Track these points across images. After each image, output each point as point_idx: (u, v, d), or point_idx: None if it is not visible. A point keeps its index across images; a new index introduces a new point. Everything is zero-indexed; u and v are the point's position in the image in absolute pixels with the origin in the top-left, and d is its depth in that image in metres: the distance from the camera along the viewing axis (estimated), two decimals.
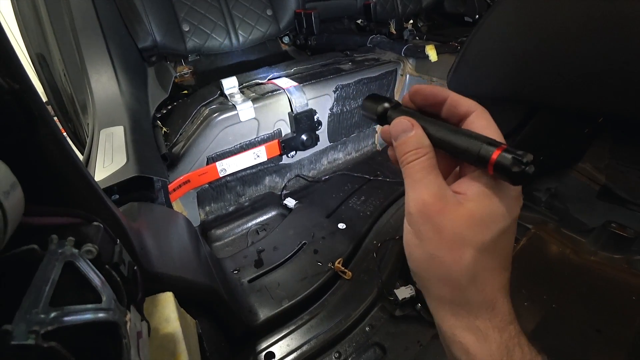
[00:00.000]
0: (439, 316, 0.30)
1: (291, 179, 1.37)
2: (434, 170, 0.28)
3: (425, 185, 0.28)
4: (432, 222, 0.27)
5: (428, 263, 0.28)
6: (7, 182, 0.24)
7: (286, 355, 0.81)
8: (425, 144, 0.29)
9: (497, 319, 0.28)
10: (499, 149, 0.25)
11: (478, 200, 0.27)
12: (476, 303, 0.28)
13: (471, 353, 0.28)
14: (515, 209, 0.28)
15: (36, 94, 0.34)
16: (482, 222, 0.27)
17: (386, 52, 1.48)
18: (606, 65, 0.80)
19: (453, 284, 0.28)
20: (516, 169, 0.24)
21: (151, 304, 0.52)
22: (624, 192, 1.20)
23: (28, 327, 0.24)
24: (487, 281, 0.28)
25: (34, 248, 0.31)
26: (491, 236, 0.27)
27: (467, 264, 0.27)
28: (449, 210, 0.27)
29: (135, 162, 0.84)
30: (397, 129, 0.30)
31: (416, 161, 0.29)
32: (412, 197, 0.28)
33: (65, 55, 1.12)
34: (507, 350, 0.27)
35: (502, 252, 0.28)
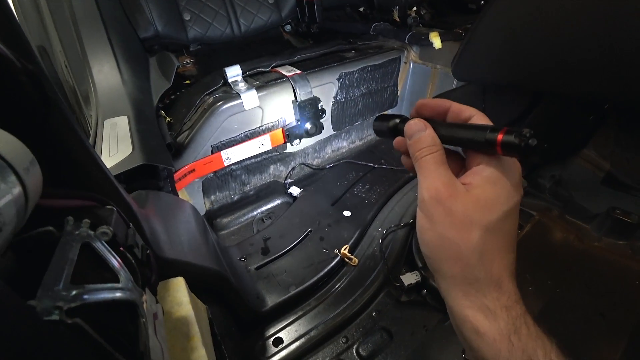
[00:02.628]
0: (451, 297, 0.32)
1: (295, 168, 1.37)
2: (444, 164, 0.32)
3: (438, 175, 0.31)
4: (444, 206, 0.30)
5: (440, 243, 0.31)
6: (26, 158, 0.24)
7: (294, 340, 0.83)
8: (437, 142, 0.33)
9: (504, 298, 0.30)
10: (502, 131, 0.29)
11: (483, 187, 0.30)
12: (484, 281, 0.30)
13: (481, 332, 0.29)
14: (516, 195, 0.31)
15: (48, 77, 0.34)
16: (487, 205, 0.30)
17: (389, 39, 1.47)
18: (613, 50, 0.79)
19: (463, 262, 0.30)
20: (521, 142, 0.27)
21: (163, 289, 0.52)
22: (629, 178, 1.20)
23: (51, 303, 0.24)
24: (494, 260, 0.30)
25: (51, 230, 0.31)
26: (496, 217, 0.30)
27: (476, 242, 0.29)
28: (458, 196, 0.30)
29: (141, 151, 0.84)
30: (413, 129, 0.34)
31: (430, 156, 0.32)
32: (425, 185, 0.32)
33: (66, 46, 1.12)
34: (515, 328, 0.29)
35: (506, 234, 0.31)
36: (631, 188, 1.17)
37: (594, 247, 1.02)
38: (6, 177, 0.22)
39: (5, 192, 0.22)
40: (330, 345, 0.83)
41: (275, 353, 0.81)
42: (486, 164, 0.31)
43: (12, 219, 0.22)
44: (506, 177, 0.30)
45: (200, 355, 0.45)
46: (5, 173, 0.22)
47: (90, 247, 0.32)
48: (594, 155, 1.28)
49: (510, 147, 0.28)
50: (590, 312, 0.85)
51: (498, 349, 0.29)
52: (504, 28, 0.97)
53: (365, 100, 1.39)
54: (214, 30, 1.44)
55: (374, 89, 1.40)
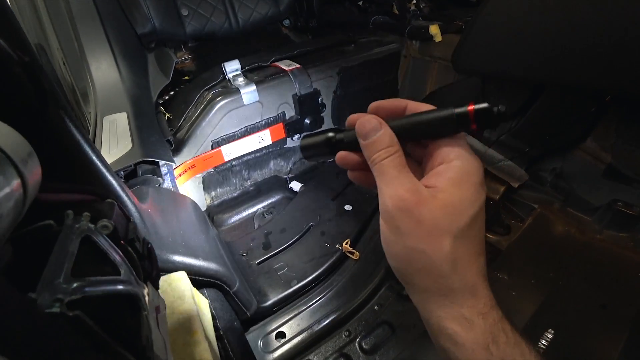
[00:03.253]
0: (426, 310, 0.31)
1: (296, 162, 1.37)
2: (405, 167, 0.30)
3: (400, 182, 0.29)
4: (411, 216, 0.28)
5: (409, 257, 0.29)
6: (24, 150, 0.24)
7: (297, 334, 0.83)
8: (395, 142, 0.30)
9: (480, 304, 0.29)
10: (470, 105, 0.28)
11: (448, 191, 0.28)
12: (459, 290, 0.29)
13: (459, 343, 0.28)
14: (482, 194, 0.29)
15: (44, 69, 0.34)
16: (455, 210, 0.28)
17: (389, 33, 1.46)
18: (615, 40, 0.79)
19: (436, 274, 0.29)
20: (495, 109, 0.27)
21: (165, 283, 0.52)
22: (630, 170, 1.19)
23: (52, 295, 0.24)
24: (466, 267, 0.29)
25: (51, 224, 0.31)
26: (465, 222, 0.28)
27: (447, 251, 0.28)
28: (425, 203, 0.28)
29: (141, 147, 0.84)
30: (366, 127, 0.31)
31: (388, 159, 0.30)
32: (388, 194, 0.29)
33: (63, 44, 1.11)
34: (492, 337, 0.28)
35: (476, 237, 0.29)
36: (633, 180, 1.17)
37: (595, 240, 1.02)
38: (4, 169, 0.22)
39: (3, 184, 0.21)
40: (333, 339, 0.83)
41: (277, 347, 0.81)
42: (448, 160, 0.29)
43: (9, 212, 0.22)
44: (470, 176, 0.29)
45: (202, 349, 0.45)
46: (3, 165, 0.22)
47: (91, 241, 0.32)
48: (595, 148, 1.27)
49: (484, 115, 0.27)
50: (592, 304, 0.85)
51: (476, 359, 0.28)
52: (504, 19, 0.97)
53: (365, 94, 1.39)
54: (212, 26, 1.43)
55: (374, 83, 1.39)
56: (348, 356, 0.80)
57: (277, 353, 0.80)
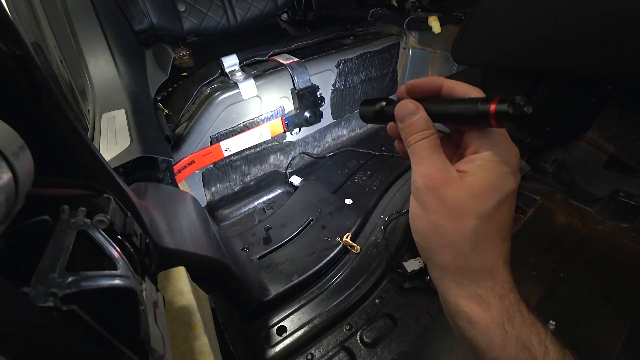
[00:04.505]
0: (444, 287, 0.31)
1: (296, 157, 1.36)
2: (438, 149, 0.31)
3: (431, 161, 0.30)
4: (437, 194, 0.29)
5: (433, 231, 0.30)
6: (15, 143, 0.23)
7: (298, 328, 0.83)
8: (431, 125, 0.31)
9: (498, 287, 0.29)
10: (494, 102, 0.27)
11: (477, 175, 0.29)
12: (478, 270, 0.29)
13: (474, 321, 0.29)
14: (511, 182, 0.30)
15: (37, 63, 0.33)
16: (481, 193, 0.29)
17: (388, 25, 1.45)
18: (617, 28, 0.78)
19: (456, 251, 0.30)
20: (515, 112, 0.26)
21: (164, 278, 0.52)
22: (632, 160, 1.19)
23: (46, 289, 0.24)
24: (487, 249, 0.29)
25: (46, 219, 0.31)
26: (490, 206, 0.29)
27: (469, 231, 0.29)
28: (452, 183, 0.29)
29: (139, 143, 0.84)
30: (403, 112, 0.32)
31: (423, 141, 0.31)
32: (418, 172, 0.31)
33: (60, 41, 1.11)
34: (508, 317, 0.28)
35: (501, 222, 0.30)
36: (635, 170, 1.16)
37: (597, 230, 1.01)
38: None
39: None
40: (334, 332, 0.83)
41: (279, 341, 0.81)
42: (482, 149, 0.30)
43: (1, 205, 0.22)
44: (502, 163, 0.29)
45: (202, 344, 0.45)
46: None
47: (87, 235, 0.31)
48: (597, 138, 1.26)
49: (504, 117, 0.26)
50: (595, 294, 0.85)
51: (491, 337, 0.28)
52: (503, 9, 0.96)
53: (364, 87, 1.38)
54: (209, 21, 1.42)
55: (373, 76, 1.38)
56: (349, 350, 0.80)
57: (278, 347, 0.80)
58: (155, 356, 0.33)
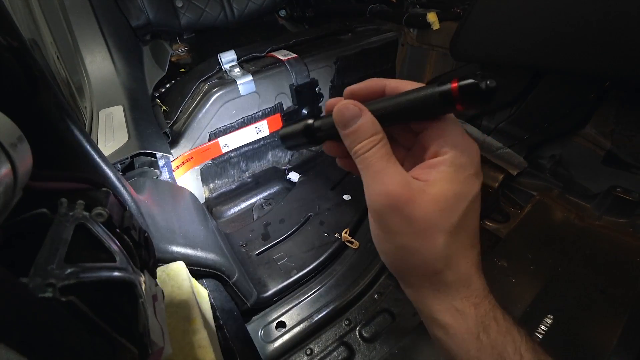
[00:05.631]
0: (419, 302, 0.30)
1: (294, 153, 1.36)
2: (392, 158, 0.27)
3: (388, 175, 0.27)
4: (402, 214, 0.26)
5: (400, 255, 0.28)
6: (13, 134, 0.23)
7: (297, 324, 0.83)
8: (379, 129, 0.27)
9: (473, 296, 0.28)
10: (454, 80, 0.24)
11: (441, 185, 0.26)
12: (453, 283, 0.28)
13: (450, 332, 0.28)
14: (475, 185, 0.28)
15: (34, 55, 0.33)
16: (447, 205, 0.26)
17: (386, 21, 1.44)
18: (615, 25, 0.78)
19: (430, 271, 0.28)
20: (482, 84, 0.23)
21: (164, 273, 0.52)
22: (629, 156, 1.19)
23: (44, 280, 0.24)
24: (460, 260, 0.28)
25: (45, 212, 0.31)
26: (458, 217, 0.27)
27: (440, 248, 0.27)
28: (416, 199, 0.26)
29: (138, 139, 0.83)
30: (345, 116, 0.28)
31: (373, 149, 0.27)
32: (375, 190, 0.27)
33: (57, 37, 1.10)
34: (483, 326, 0.28)
35: (469, 231, 0.28)
36: (632, 166, 1.16)
37: (594, 226, 1.02)
38: None
39: None
40: (333, 327, 0.84)
41: (278, 337, 0.81)
42: (442, 152, 0.27)
43: None
44: (465, 166, 0.27)
45: (201, 338, 0.45)
46: None
47: (85, 228, 0.31)
48: (595, 134, 1.26)
49: (470, 93, 0.24)
50: (591, 290, 0.85)
51: (467, 348, 0.28)
52: (502, 4, 0.96)
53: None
54: (207, 17, 1.41)
55: (372, 72, 1.38)
56: (348, 345, 0.81)
57: (277, 343, 0.80)
58: (155, 349, 0.33)
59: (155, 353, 0.32)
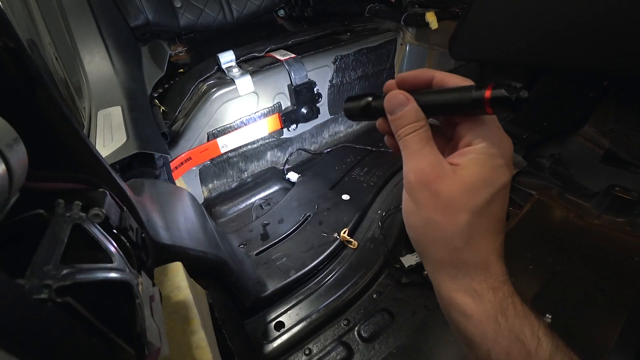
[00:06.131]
0: (438, 280, 0.32)
1: (293, 153, 1.36)
2: (430, 142, 0.30)
3: (423, 155, 0.30)
4: (430, 189, 0.29)
5: (425, 228, 0.31)
6: (8, 135, 0.23)
7: (296, 324, 0.83)
8: (421, 117, 0.31)
9: (492, 280, 0.29)
10: (489, 87, 0.27)
11: (470, 168, 0.29)
12: (471, 264, 0.29)
13: (468, 314, 0.29)
14: (505, 175, 0.29)
15: (31, 56, 0.33)
16: (474, 187, 0.29)
17: (385, 21, 1.44)
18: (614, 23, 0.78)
19: (450, 246, 0.30)
20: (512, 95, 0.26)
21: (161, 274, 0.52)
22: (628, 155, 1.19)
23: (40, 281, 0.24)
24: (481, 243, 0.29)
25: (41, 213, 0.31)
26: (483, 200, 0.29)
27: (462, 226, 0.29)
28: (445, 177, 0.29)
29: (136, 140, 0.83)
30: (393, 104, 0.32)
31: (414, 133, 0.30)
32: (410, 167, 0.30)
33: (55, 37, 1.10)
34: (501, 309, 0.29)
35: (494, 216, 0.30)
36: (631, 165, 1.17)
37: (593, 225, 1.02)
38: None
39: None
40: (332, 327, 0.84)
41: (277, 337, 0.81)
42: (475, 141, 0.30)
43: None
44: (496, 156, 0.29)
45: (199, 338, 0.45)
46: None
47: (82, 229, 0.31)
48: (594, 133, 1.27)
49: (500, 102, 0.26)
50: (591, 288, 0.85)
51: (485, 330, 0.29)
52: (500, 3, 0.95)
53: (361, 83, 1.38)
54: (206, 17, 1.41)
55: (370, 72, 1.38)
56: (347, 344, 0.81)
57: (276, 343, 0.80)
58: (152, 349, 0.33)
59: (152, 354, 0.32)
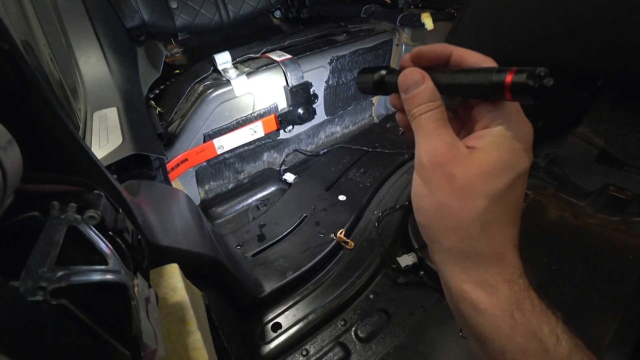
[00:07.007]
0: (448, 271, 0.30)
1: (289, 154, 1.36)
2: (445, 123, 0.28)
3: (438, 136, 0.28)
4: (444, 171, 0.27)
5: (437, 212, 0.28)
6: (3, 137, 0.23)
7: (293, 325, 0.83)
8: (437, 97, 0.29)
9: (507, 272, 0.27)
10: (511, 72, 0.24)
11: (488, 151, 0.27)
12: (485, 255, 0.27)
13: (480, 308, 0.27)
14: (524, 160, 0.27)
15: (25, 58, 0.33)
16: (492, 171, 0.26)
17: (381, 22, 1.45)
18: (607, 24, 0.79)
19: (462, 234, 0.27)
20: (534, 83, 0.23)
21: (157, 275, 0.52)
22: (622, 154, 1.20)
23: (35, 283, 0.24)
24: (497, 232, 0.27)
25: (36, 215, 0.31)
26: (501, 186, 0.26)
27: (478, 213, 0.27)
28: (461, 160, 0.27)
29: (132, 141, 0.83)
30: (408, 81, 0.30)
31: (429, 113, 0.28)
32: (424, 147, 0.29)
33: (50, 39, 1.09)
34: (517, 304, 0.26)
35: (512, 204, 0.28)
36: (625, 164, 1.18)
37: (588, 224, 1.03)
38: None
39: None
40: (329, 328, 0.84)
41: (274, 338, 0.81)
42: (493, 124, 0.27)
43: None
44: (515, 139, 0.27)
45: (195, 340, 0.45)
46: None
47: (77, 231, 0.31)
48: (588, 132, 1.28)
49: (521, 89, 0.24)
50: (586, 286, 0.86)
51: (499, 325, 0.27)
52: (495, 4, 0.96)
53: (358, 87, 1.38)
54: (202, 18, 1.41)
55: None
56: (344, 345, 0.81)
57: (273, 344, 0.80)
58: (148, 351, 0.33)
59: (148, 355, 0.32)
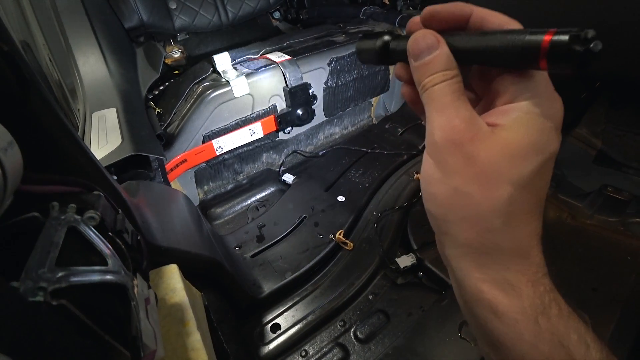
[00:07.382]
0: (461, 268, 0.26)
1: (288, 155, 1.36)
2: (463, 96, 0.24)
3: (455, 110, 0.23)
4: (463, 152, 0.23)
5: (452, 200, 0.24)
6: (3, 139, 0.23)
7: (292, 325, 0.83)
8: (454, 65, 0.24)
9: (531, 271, 0.24)
10: (549, 32, 0.19)
11: (514, 129, 0.23)
12: (508, 250, 0.24)
13: (499, 311, 0.24)
14: (555, 141, 0.23)
15: (25, 58, 0.33)
16: (519, 153, 0.22)
17: (380, 23, 1.45)
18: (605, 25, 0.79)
19: (482, 226, 0.23)
20: (579, 47, 0.18)
21: (157, 276, 0.52)
22: (620, 155, 1.21)
23: (35, 284, 0.24)
24: (522, 225, 0.23)
25: (36, 216, 0.31)
26: (529, 170, 0.22)
27: (502, 202, 0.22)
28: (483, 139, 0.23)
29: (131, 142, 0.83)
30: (420, 46, 0.25)
31: (444, 83, 0.24)
32: (438, 123, 0.24)
33: (49, 39, 1.09)
34: (543, 307, 0.23)
35: (538, 192, 0.24)
36: (623, 165, 1.18)
37: (586, 225, 1.03)
38: None
39: None
40: (328, 329, 0.84)
41: (273, 339, 0.81)
42: (519, 98, 0.23)
43: None
44: (545, 117, 0.23)
45: (195, 340, 0.45)
46: None
47: (77, 232, 0.31)
48: (586, 134, 1.28)
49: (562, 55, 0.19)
50: (584, 287, 0.86)
51: (520, 331, 0.23)
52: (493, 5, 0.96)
53: (356, 85, 1.38)
54: (201, 19, 1.41)
55: (365, 74, 1.38)
56: (343, 346, 0.81)
57: (272, 345, 0.80)
58: (147, 352, 0.33)
59: (147, 356, 0.32)
